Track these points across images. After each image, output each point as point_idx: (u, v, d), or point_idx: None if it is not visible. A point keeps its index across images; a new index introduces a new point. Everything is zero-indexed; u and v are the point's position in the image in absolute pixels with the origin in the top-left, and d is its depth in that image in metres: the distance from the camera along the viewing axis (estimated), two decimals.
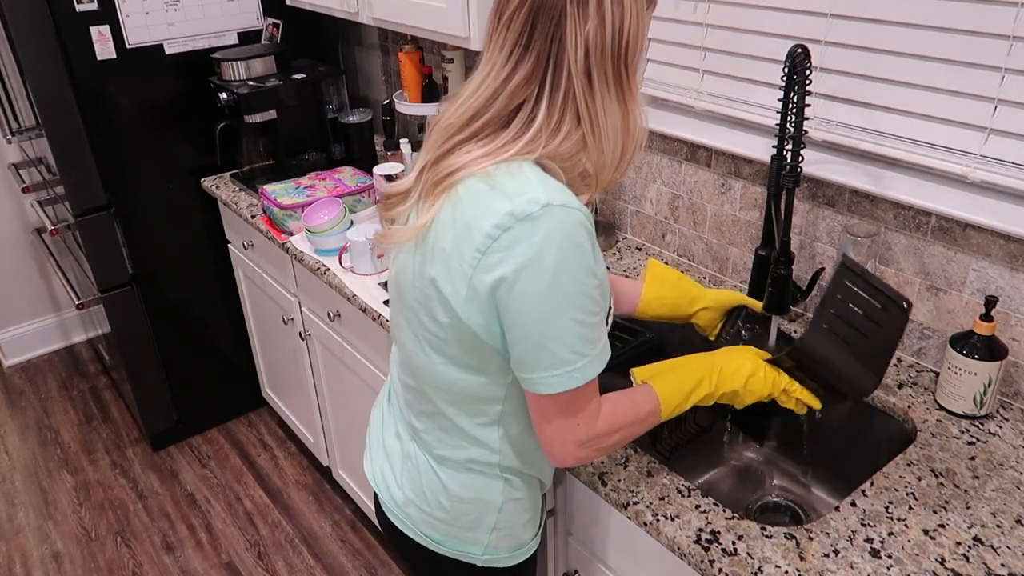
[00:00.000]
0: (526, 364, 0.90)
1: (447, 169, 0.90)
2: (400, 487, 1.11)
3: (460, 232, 0.88)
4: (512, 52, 0.88)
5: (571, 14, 0.85)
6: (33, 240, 3.15)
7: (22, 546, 2.38)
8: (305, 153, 2.34)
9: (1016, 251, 1.20)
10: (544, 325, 0.87)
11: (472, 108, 0.91)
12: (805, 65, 1.20)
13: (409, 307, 0.98)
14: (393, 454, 1.13)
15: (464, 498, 1.06)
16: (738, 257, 1.63)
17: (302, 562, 2.27)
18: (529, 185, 0.86)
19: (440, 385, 1.00)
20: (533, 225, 0.84)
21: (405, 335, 1.02)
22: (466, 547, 1.10)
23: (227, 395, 2.81)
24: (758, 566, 0.99)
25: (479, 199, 0.87)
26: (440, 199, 0.91)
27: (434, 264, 0.91)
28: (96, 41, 2.12)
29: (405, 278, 0.98)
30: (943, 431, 1.22)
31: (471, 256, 0.87)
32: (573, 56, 0.86)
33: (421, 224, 0.92)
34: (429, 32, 1.77)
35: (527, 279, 0.85)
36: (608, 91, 0.89)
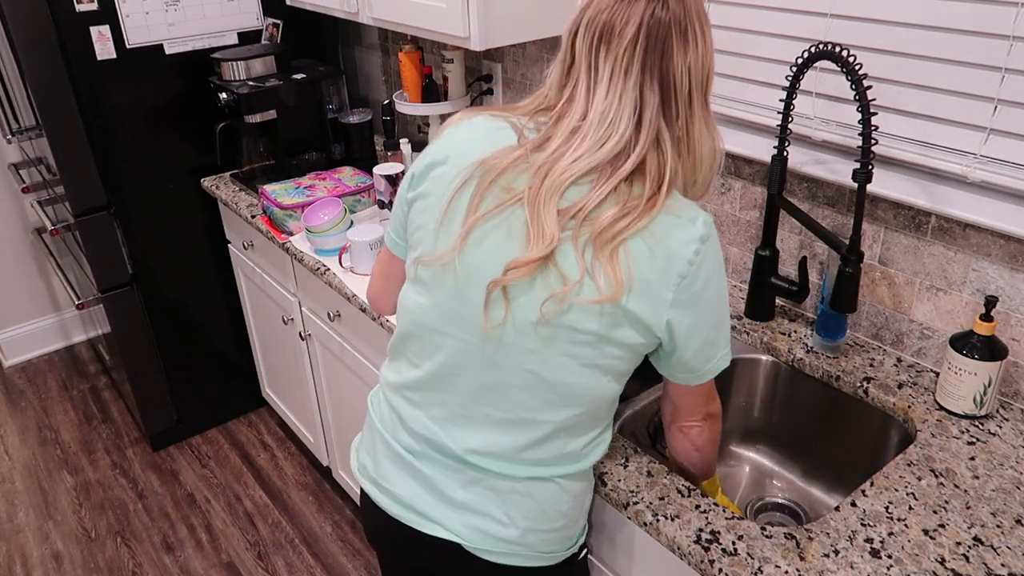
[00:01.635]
0: (699, 360, 1.02)
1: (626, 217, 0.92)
2: (509, 525, 1.06)
3: (663, 263, 0.93)
4: (635, 85, 0.93)
5: (676, 44, 0.92)
6: (33, 240, 3.15)
7: (22, 546, 2.38)
8: (305, 153, 2.34)
9: (1016, 251, 1.20)
10: (722, 321, 1.02)
11: (616, 149, 0.93)
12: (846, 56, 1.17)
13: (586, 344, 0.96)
14: (480, 502, 1.06)
15: (579, 492, 1.10)
16: (738, 257, 1.63)
17: (302, 562, 2.27)
18: (693, 208, 0.96)
19: (601, 403, 1.03)
20: (711, 242, 0.96)
21: (566, 373, 0.98)
22: (572, 542, 1.13)
23: (227, 395, 2.81)
24: (758, 566, 0.99)
25: (673, 230, 0.93)
26: (622, 245, 0.92)
27: (633, 297, 0.93)
28: (96, 41, 2.12)
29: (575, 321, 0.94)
30: (943, 431, 1.22)
31: (673, 282, 0.94)
32: (680, 85, 0.94)
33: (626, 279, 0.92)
34: (429, 32, 1.77)
35: (712, 286, 0.97)
36: (702, 115, 0.98)
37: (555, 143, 0.95)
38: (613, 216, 0.91)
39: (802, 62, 1.26)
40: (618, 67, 0.92)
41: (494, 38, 1.68)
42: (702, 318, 0.98)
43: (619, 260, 0.91)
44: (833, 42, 1.20)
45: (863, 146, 1.18)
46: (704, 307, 0.97)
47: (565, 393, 0.99)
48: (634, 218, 0.91)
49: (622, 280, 0.91)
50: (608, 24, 0.92)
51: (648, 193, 0.93)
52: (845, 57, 1.16)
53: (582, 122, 0.94)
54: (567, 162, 0.93)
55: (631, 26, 0.91)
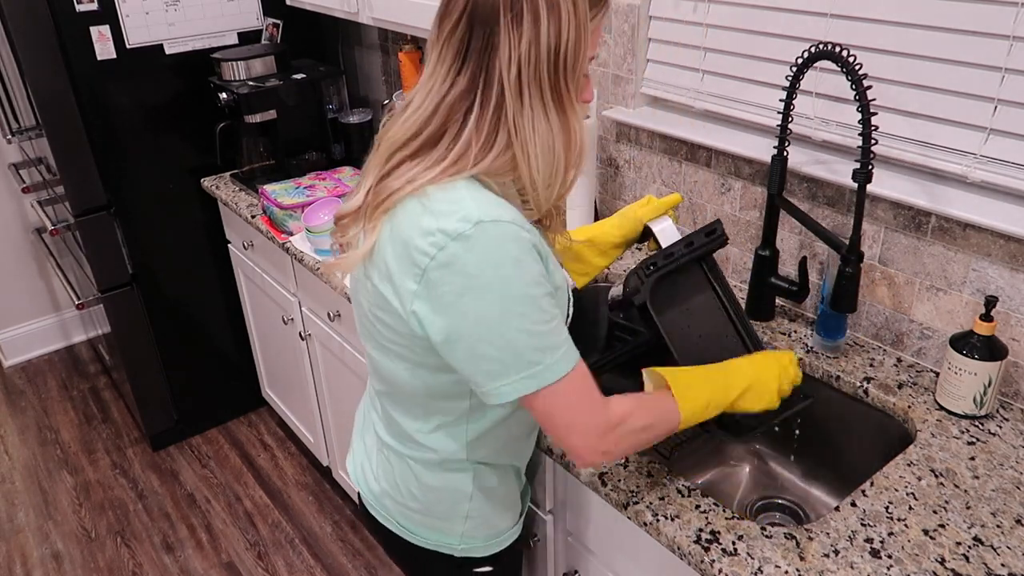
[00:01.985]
0: (477, 377, 0.90)
1: (386, 191, 0.90)
2: (376, 479, 1.15)
3: (399, 251, 0.88)
4: (451, 66, 0.88)
5: (505, 28, 0.83)
6: (33, 240, 3.15)
7: (22, 546, 2.38)
8: (305, 153, 2.34)
9: (1016, 251, 1.20)
10: (491, 339, 0.87)
11: (415, 124, 0.90)
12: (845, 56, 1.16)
13: (367, 317, 0.99)
14: (371, 449, 1.17)
15: (435, 487, 1.09)
16: (738, 257, 1.63)
17: (302, 562, 2.27)
18: (461, 203, 0.86)
19: (406, 387, 1.01)
20: (468, 243, 0.84)
21: (367, 343, 1.04)
22: (442, 537, 1.13)
23: (227, 395, 2.81)
24: (758, 566, 0.99)
25: (413, 218, 0.87)
26: (381, 219, 0.91)
27: (381, 280, 0.92)
28: (96, 41, 2.12)
29: (361, 291, 1.00)
30: (943, 431, 1.22)
31: (412, 274, 0.87)
32: (506, 72, 0.85)
33: (366, 250, 0.92)
34: (429, 32, 1.77)
35: (470, 295, 0.85)
36: (543, 108, 0.87)
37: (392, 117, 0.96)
38: (379, 190, 0.91)
39: (802, 62, 1.26)
40: (440, 50, 0.89)
41: None
42: (462, 324, 0.87)
43: (374, 234, 0.91)
44: (833, 42, 1.20)
45: (863, 146, 1.18)
46: (463, 315, 0.86)
47: (375, 366, 1.06)
48: (388, 195, 0.89)
49: (362, 252, 0.92)
50: (443, 10, 0.89)
51: (413, 175, 0.89)
52: (845, 57, 1.16)
53: (412, 96, 0.93)
54: (390, 135, 0.93)
55: (456, 10, 0.86)
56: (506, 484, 1.14)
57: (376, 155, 0.95)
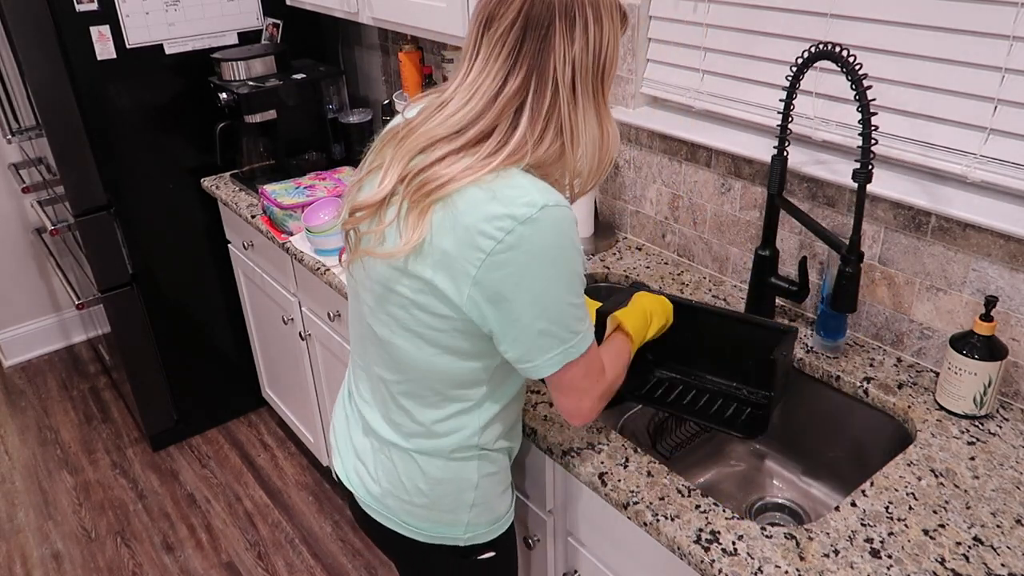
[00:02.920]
0: (529, 354, 0.97)
1: (438, 179, 0.92)
2: (376, 481, 1.14)
3: (461, 236, 0.91)
4: (503, 66, 0.93)
5: (560, 32, 0.92)
6: (33, 240, 3.15)
7: (22, 546, 2.38)
8: (305, 153, 2.34)
9: (1016, 251, 1.20)
10: (547, 316, 0.94)
11: (462, 120, 0.94)
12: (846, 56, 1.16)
13: (401, 307, 1.00)
14: (364, 451, 1.16)
15: (441, 479, 1.10)
16: (738, 257, 1.63)
17: (302, 562, 2.27)
18: (524, 189, 0.91)
19: (430, 375, 1.03)
20: (535, 226, 0.90)
21: (388, 333, 1.04)
22: (448, 530, 1.14)
23: (227, 395, 2.81)
24: (758, 566, 0.99)
25: (479, 204, 0.91)
26: (431, 208, 0.93)
27: (433, 267, 0.94)
28: (96, 41, 2.12)
29: (394, 283, 0.99)
30: (943, 431, 1.22)
31: (475, 258, 0.91)
32: (561, 71, 0.93)
33: (419, 239, 0.93)
34: (429, 32, 1.77)
35: (532, 275, 0.92)
36: (588, 105, 0.96)
37: (424, 113, 0.99)
38: (426, 178, 0.93)
39: (802, 62, 1.26)
40: (493, 49, 0.94)
41: None
42: (520, 306, 0.93)
43: (423, 222, 0.93)
44: (833, 42, 1.20)
45: (863, 146, 1.18)
46: (522, 295, 0.92)
47: (392, 354, 1.05)
48: (441, 183, 0.91)
49: (414, 242, 0.93)
50: (492, 12, 0.94)
51: (472, 163, 0.92)
52: (845, 57, 1.16)
53: (451, 96, 0.97)
54: (423, 130, 0.96)
55: (510, 13, 0.92)
56: (504, 468, 1.17)
57: (402, 147, 0.97)
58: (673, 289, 1.63)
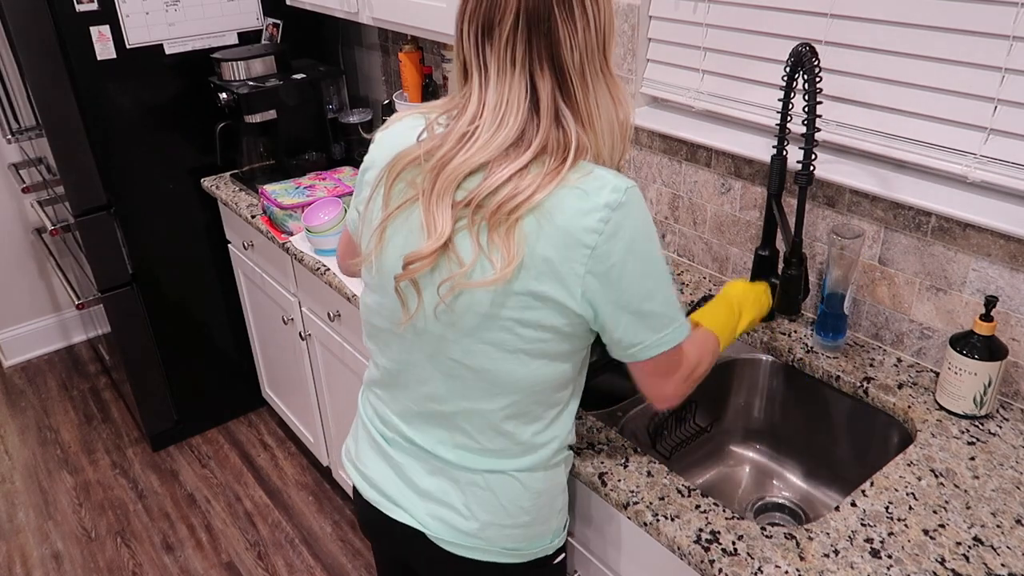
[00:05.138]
0: (642, 334, 0.96)
1: (521, 194, 0.89)
2: (470, 517, 1.07)
3: (563, 238, 0.90)
4: (521, 71, 0.91)
5: (561, 21, 0.89)
6: (33, 240, 3.15)
7: (22, 546, 2.38)
8: (305, 153, 2.34)
9: (1016, 251, 1.20)
10: (655, 292, 0.95)
11: (507, 141, 0.91)
12: (813, 63, 1.19)
13: (502, 329, 0.95)
14: (442, 492, 1.08)
15: (543, 490, 1.08)
16: (738, 257, 1.63)
17: (302, 562, 2.27)
18: (602, 177, 0.91)
19: (535, 388, 1.00)
20: (626, 210, 0.90)
21: (487, 361, 0.98)
22: (542, 541, 1.12)
23: (227, 395, 2.81)
24: (758, 566, 0.99)
25: (570, 203, 0.90)
26: (516, 224, 0.90)
27: (536, 278, 0.91)
28: (96, 41, 2.12)
29: (489, 309, 0.94)
30: (943, 431, 1.22)
31: (582, 255, 0.90)
32: (569, 60, 0.91)
33: (518, 256, 0.90)
34: (429, 32, 1.77)
35: (635, 258, 0.92)
36: (598, 82, 0.94)
37: (450, 142, 0.94)
38: (506, 196, 0.90)
39: (789, 68, 1.26)
40: (504, 59, 0.90)
41: None
42: (629, 290, 0.93)
43: (514, 240, 0.90)
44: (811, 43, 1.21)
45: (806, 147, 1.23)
46: (629, 278, 0.92)
47: (495, 381, 1.00)
48: (526, 196, 0.89)
49: (516, 259, 0.90)
50: (487, 17, 0.90)
51: (546, 170, 0.90)
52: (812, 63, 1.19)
53: (478, 120, 0.93)
54: (460, 159, 0.92)
55: (509, 15, 0.88)
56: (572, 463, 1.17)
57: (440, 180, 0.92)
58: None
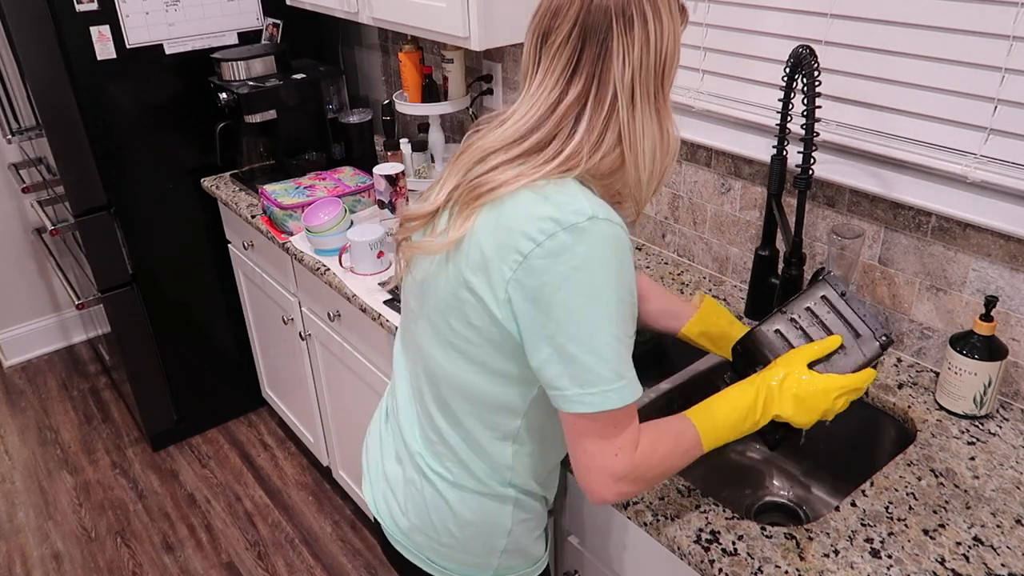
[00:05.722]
0: (563, 379, 0.88)
1: (490, 183, 0.90)
2: (404, 514, 1.10)
3: (503, 236, 0.88)
4: (561, 75, 0.90)
5: (618, 36, 0.88)
6: (33, 240, 3.15)
7: (22, 546, 2.38)
8: (305, 153, 2.34)
9: (1016, 251, 1.20)
10: (585, 338, 0.86)
11: (520, 130, 0.92)
12: (812, 65, 1.19)
13: (438, 312, 0.97)
14: (395, 480, 1.11)
15: (473, 522, 1.05)
16: (738, 257, 1.63)
17: (302, 562, 2.27)
18: (575, 197, 0.87)
19: (462, 393, 0.99)
20: (579, 235, 0.84)
21: (429, 342, 1.00)
22: (477, 572, 1.10)
23: (227, 395, 2.81)
24: (758, 566, 0.99)
25: (524, 205, 0.88)
26: (478, 210, 0.91)
27: (471, 268, 0.91)
28: (96, 41, 2.12)
29: (433, 284, 0.97)
30: (943, 431, 1.22)
31: (513, 259, 0.87)
32: (620, 76, 0.88)
33: (460, 235, 0.91)
34: (429, 32, 1.77)
35: (570, 288, 0.85)
36: (648, 109, 0.91)
37: (484, 129, 0.97)
38: (479, 182, 0.91)
39: (789, 69, 1.26)
40: (551, 63, 0.91)
41: (494, 38, 1.68)
42: (556, 320, 0.85)
43: (469, 222, 0.91)
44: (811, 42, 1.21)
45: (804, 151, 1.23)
46: (560, 308, 0.85)
47: (431, 367, 1.02)
48: (492, 187, 0.89)
49: (454, 238, 0.91)
50: (548, 26, 0.91)
51: (525, 170, 0.90)
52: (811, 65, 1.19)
53: (512, 112, 0.95)
54: (479, 144, 0.95)
55: (566, 24, 0.89)
56: (539, 514, 1.12)
57: (459, 161, 0.97)
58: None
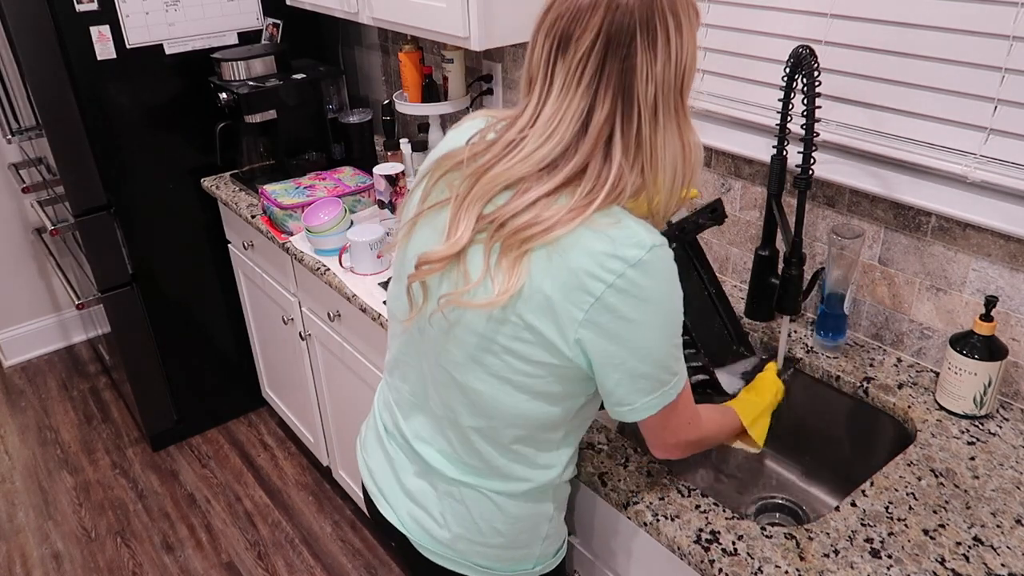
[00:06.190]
0: (632, 396, 0.93)
1: (540, 224, 0.86)
2: (443, 526, 1.07)
3: (567, 278, 0.86)
4: (586, 93, 0.86)
5: (641, 49, 0.84)
6: (33, 240, 3.15)
7: (22, 546, 2.38)
8: (305, 153, 2.34)
9: (1016, 251, 1.20)
10: (654, 358, 0.91)
11: (550, 156, 0.88)
12: (812, 65, 1.19)
13: (492, 354, 0.94)
14: (423, 495, 1.09)
15: (521, 517, 1.06)
16: (738, 257, 1.63)
17: (302, 562, 2.27)
18: (631, 228, 0.87)
19: (515, 421, 0.98)
20: (645, 270, 0.86)
21: (474, 378, 0.97)
22: (520, 565, 1.10)
23: (227, 395, 2.81)
24: (758, 566, 0.99)
25: (584, 243, 0.86)
26: (529, 253, 0.87)
27: (532, 311, 0.88)
28: (96, 41, 2.12)
29: (484, 332, 0.93)
30: (943, 431, 1.22)
31: (584, 300, 0.86)
32: (643, 93, 0.86)
33: (517, 285, 0.87)
34: (429, 32, 1.77)
35: (641, 319, 0.88)
36: (670, 122, 0.89)
37: (495, 149, 0.91)
38: (526, 222, 0.86)
39: (789, 70, 1.26)
40: (572, 76, 0.86)
41: (494, 38, 1.68)
42: (627, 348, 0.89)
43: (521, 268, 0.87)
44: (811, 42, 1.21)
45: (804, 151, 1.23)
46: (630, 337, 0.88)
47: (476, 401, 0.98)
48: (546, 228, 0.85)
49: (513, 288, 0.87)
50: (566, 32, 0.86)
51: (573, 204, 0.86)
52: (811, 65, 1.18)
53: (527, 131, 0.90)
54: (501, 169, 0.89)
55: (589, 34, 0.85)
56: (568, 494, 1.14)
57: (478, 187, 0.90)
58: None
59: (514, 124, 0.92)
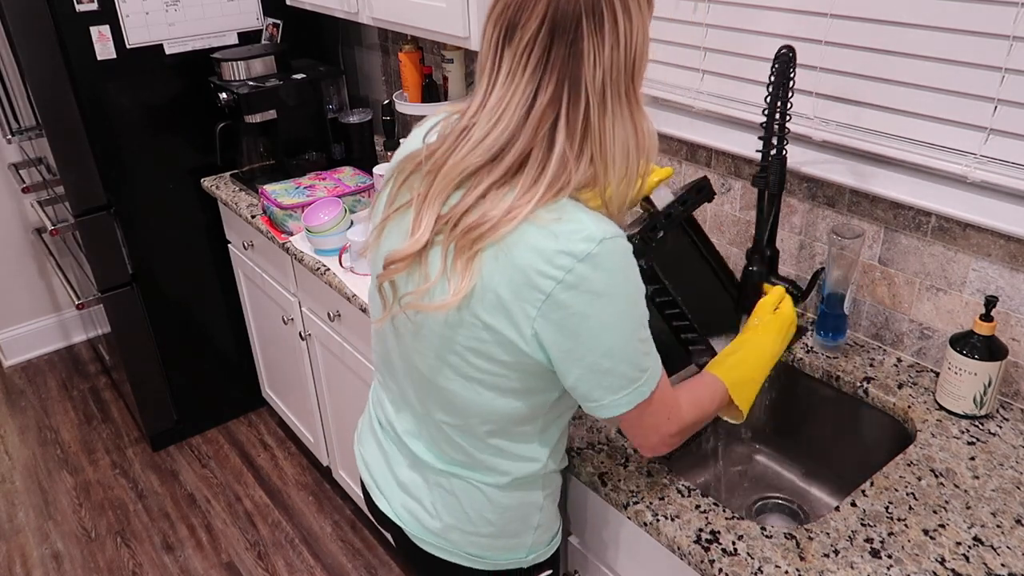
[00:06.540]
0: (596, 391, 0.92)
1: (487, 223, 0.85)
2: (435, 516, 1.09)
3: (517, 277, 0.86)
4: (530, 80, 0.85)
5: (588, 35, 0.83)
6: (33, 240, 3.15)
7: (22, 546, 2.38)
8: (305, 153, 2.34)
9: (1016, 251, 1.20)
10: (615, 351, 0.89)
11: (495, 146, 0.87)
12: (789, 66, 1.19)
13: (455, 353, 0.94)
14: (415, 486, 1.10)
15: (510, 506, 1.07)
16: (738, 257, 1.63)
17: (302, 562, 2.27)
18: (579, 222, 0.85)
19: (489, 417, 0.98)
20: (595, 264, 0.85)
21: (443, 378, 0.98)
22: (512, 554, 1.11)
23: (227, 395, 2.81)
24: (758, 566, 0.99)
25: (532, 242, 0.85)
26: (480, 253, 0.87)
27: (487, 311, 0.88)
28: (96, 41, 2.12)
29: (444, 331, 0.93)
30: (943, 431, 1.22)
31: (535, 298, 0.86)
32: (591, 79, 0.84)
33: (470, 286, 0.87)
34: (429, 32, 1.77)
35: (596, 313, 0.86)
36: (620, 110, 0.87)
37: (448, 141, 0.91)
38: (475, 221, 0.86)
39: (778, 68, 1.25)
40: (517, 63, 0.85)
41: None
42: (586, 343, 0.88)
43: (473, 268, 0.86)
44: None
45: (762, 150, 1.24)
46: (587, 331, 0.87)
47: (450, 399, 0.99)
48: (492, 226, 0.85)
49: (465, 289, 0.86)
50: (512, 20, 0.85)
51: (516, 197, 0.85)
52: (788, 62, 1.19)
53: (475, 117, 0.89)
54: (454, 161, 0.89)
55: (534, 20, 0.83)
56: (559, 484, 1.14)
57: (434, 186, 0.90)
58: None
59: (465, 114, 0.92)
